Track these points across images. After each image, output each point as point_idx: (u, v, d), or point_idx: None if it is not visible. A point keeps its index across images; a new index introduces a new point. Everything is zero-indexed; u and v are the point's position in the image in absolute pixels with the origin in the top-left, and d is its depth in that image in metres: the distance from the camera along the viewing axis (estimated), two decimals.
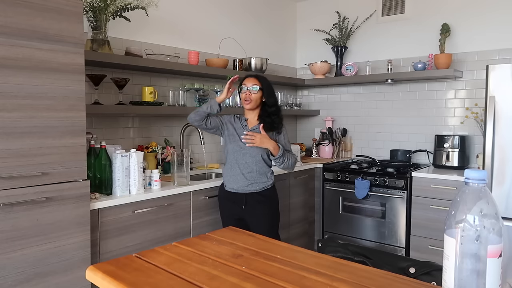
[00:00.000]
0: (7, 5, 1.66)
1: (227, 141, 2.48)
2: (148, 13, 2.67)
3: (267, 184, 2.45)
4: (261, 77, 2.47)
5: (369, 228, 3.26)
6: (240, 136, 2.43)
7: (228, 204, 2.49)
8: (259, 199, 2.42)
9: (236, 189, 2.43)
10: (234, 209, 2.46)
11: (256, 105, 2.43)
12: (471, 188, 0.78)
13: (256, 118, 2.48)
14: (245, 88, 2.40)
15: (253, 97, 2.39)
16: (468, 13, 3.35)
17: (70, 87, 1.88)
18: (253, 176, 2.41)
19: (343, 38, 3.92)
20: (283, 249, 1.22)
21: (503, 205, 2.53)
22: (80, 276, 1.92)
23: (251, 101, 2.40)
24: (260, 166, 2.42)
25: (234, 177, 2.43)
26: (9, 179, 1.69)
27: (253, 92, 2.39)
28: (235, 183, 2.43)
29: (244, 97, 2.41)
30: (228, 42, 3.52)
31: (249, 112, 2.49)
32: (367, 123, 3.96)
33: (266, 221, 2.42)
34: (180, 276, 1.00)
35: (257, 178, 2.42)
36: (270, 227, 2.43)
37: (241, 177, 2.41)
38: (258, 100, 2.42)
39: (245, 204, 2.42)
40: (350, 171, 3.37)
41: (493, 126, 2.56)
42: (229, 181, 2.46)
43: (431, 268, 1.15)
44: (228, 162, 2.48)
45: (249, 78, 2.44)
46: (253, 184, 2.41)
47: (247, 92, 2.39)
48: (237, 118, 2.53)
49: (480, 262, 0.76)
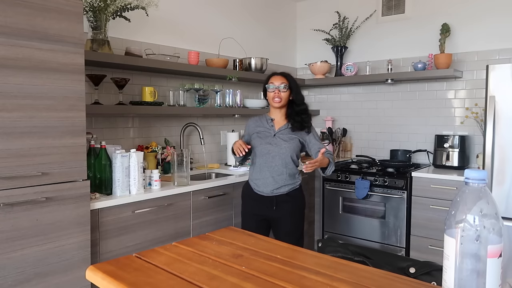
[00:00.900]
0: (7, 5, 1.66)
1: (255, 144, 2.39)
2: (148, 13, 2.67)
3: (295, 185, 2.39)
4: (288, 74, 2.40)
5: (369, 228, 3.26)
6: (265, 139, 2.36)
7: (255, 205, 2.41)
8: (287, 199, 2.36)
9: (265, 193, 2.36)
10: (261, 210, 2.39)
11: (285, 103, 2.36)
12: (471, 188, 0.78)
13: (284, 117, 2.40)
14: (273, 86, 2.33)
15: (283, 96, 2.33)
16: (468, 13, 3.35)
17: (70, 87, 1.87)
18: (283, 179, 2.34)
19: (343, 38, 3.92)
20: (283, 249, 1.22)
21: (503, 205, 2.53)
22: (80, 276, 1.92)
23: (281, 99, 2.33)
24: (290, 168, 2.35)
25: (263, 181, 2.36)
26: (9, 179, 1.69)
27: (282, 91, 2.32)
28: (265, 187, 2.35)
29: (273, 95, 2.33)
30: (228, 42, 3.52)
31: (275, 111, 2.41)
32: (367, 123, 3.96)
33: (291, 220, 2.36)
34: (180, 276, 1.01)
35: (287, 180, 2.34)
36: (296, 226, 2.38)
37: (271, 180, 2.33)
38: (286, 99, 2.35)
39: (275, 206, 2.35)
40: (350, 171, 3.37)
41: (493, 126, 2.56)
42: (258, 184, 2.38)
43: (431, 268, 1.15)
44: (257, 165, 2.39)
45: (275, 76, 2.37)
46: (283, 187, 2.34)
47: (276, 90, 2.32)
48: (262, 118, 2.46)
49: (480, 262, 0.76)
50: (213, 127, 3.50)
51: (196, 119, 3.30)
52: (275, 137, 2.37)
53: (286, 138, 2.35)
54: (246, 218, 2.47)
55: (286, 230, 2.35)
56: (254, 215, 2.42)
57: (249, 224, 2.41)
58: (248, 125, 2.51)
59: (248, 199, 2.46)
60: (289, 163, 2.34)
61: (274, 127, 2.40)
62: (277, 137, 2.36)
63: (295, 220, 2.39)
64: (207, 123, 3.44)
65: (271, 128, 2.40)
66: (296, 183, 2.40)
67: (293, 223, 2.37)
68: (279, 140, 2.35)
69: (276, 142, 2.35)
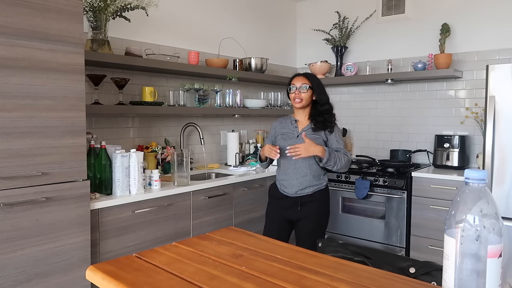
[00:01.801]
0: (7, 5, 1.66)
1: (279, 145, 2.36)
2: (148, 13, 2.67)
3: (320, 186, 2.38)
4: (310, 75, 2.41)
5: (369, 228, 3.26)
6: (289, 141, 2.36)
7: (280, 205, 2.42)
8: (311, 199, 2.35)
9: (290, 193, 2.37)
10: (285, 211, 2.39)
11: (306, 103, 2.35)
12: (471, 188, 0.78)
13: (307, 117, 2.40)
14: (294, 87, 2.34)
15: (303, 96, 2.32)
16: (468, 13, 3.35)
17: (70, 87, 1.88)
18: (307, 180, 2.33)
19: (343, 38, 3.92)
20: (283, 249, 1.22)
21: (503, 205, 2.53)
22: (80, 276, 1.92)
23: (302, 100, 2.32)
24: (314, 169, 2.34)
25: (289, 182, 2.37)
26: (9, 179, 1.69)
27: (302, 91, 2.32)
28: (290, 188, 2.36)
29: (294, 96, 2.34)
30: (228, 42, 3.52)
31: (299, 112, 2.42)
32: (367, 123, 3.96)
33: (314, 220, 2.35)
34: (180, 276, 1.00)
35: (311, 181, 2.34)
36: (317, 226, 2.37)
37: (296, 182, 2.34)
38: (308, 99, 2.35)
39: (300, 206, 2.35)
40: (350, 171, 3.36)
41: (493, 126, 2.56)
42: (283, 185, 2.40)
43: (431, 268, 1.15)
44: (282, 166, 2.41)
45: (297, 77, 2.38)
46: (308, 187, 2.34)
47: (297, 91, 2.33)
48: (287, 120, 2.47)
49: (480, 262, 0.76)
50: (213, 127, 3.51)
51: (196, 119, 3.30)
52: (298, 138, 2.36)
53: (310, 138, 2.30)
54: (270, 218, 2.47)
55: (308, 229, 2.35)
56: (278, 216, 2.42)
57: (273, 224, 2.42)
58: (274, 126, 2.51)
59: (273, 199, 2.47)
60: (313, 164, 2.34)
61: (298, 128, 2.40)
62: (301, 138, 2.33)
63: (317, 220, 2.38)
64: (207, 123, 3.44)
65: (294, 129, 2.40)
66: (321, 184, 2.39)
67: (315, 223, 2.36)
68: (303, 141, 2.30)
69: (299, 143, 2.31)
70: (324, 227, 2.44)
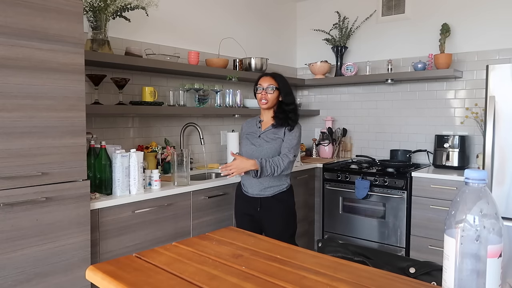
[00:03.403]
0: (7, 5, 1.66)
1: (241, 144, 2.44)
2: (148, 13, 2.67)
3: (282, 187, 2.37)
4: (277, 75, 2.40)
5: (369, 228, 3.26)
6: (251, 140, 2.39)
7: (243, 204, 2.44)
8: (274, 202, 2.35)
9: (251, 193, 2.38)
10: (248, 210, 2.41)
11: (272, 104, 2.37)
12: (471, 188, 0.78)
13: (271, 117, 2.41)
14: (261, 88, 2.35)
15: (269, 97, 2.33)
16: (468, 13, 3.35)
17: (70, 87, 1.88)
18: (267, 180, 2.33)
19: (343, 38, 3.92)
20: (283, 249, 1.22)
21: (503, 205, 2.53)
22: (80, 276, 1.92)
23: (268, 101, 2.34)
24: None
25: (249, 181, 2.37)
26: (9, 179, 1.69)
27: (269, 92, 2.33)
28: (250, 187, 2.38)
29: (260, 97, 2.35)
30: (228, 42, 3.52)
31: (264, 113, 2.43)
32: (367, 123, 3.96)
33: (279, 224, 2.35)
34: (180, 276, 1.01)
35: (271, 181, 2.34)
36: (284, 230, 2.36)
37: (256, 181, 2.33)
38: (274, 100, 2.36)
39: (260, 207, 2.36)
40: (350, 171, 3.37)
41: (493, 126, 2.56)
42: (245, 185, 2.42)
43: (431, 268, 1.15)
44: None
45: (264, 78, 2.38)
46: (268, 188, 2.34)
47: (263, 92, 2.34)
48: (253, 120, 2.49)
49: (480, 262, 0.76)
50: (213, 127, 3.51)
51: (196, 119, 3.30)
52: (260, 138, 2.38)
53: (269, 138, 2.35)
54: (237, 217, 2.52)
55: (274, 231, 2.33)
56: (245, 215, 2.45)
57: (242, 223, 2.44)
58: (242, 126, 2.55)
59: (238, 199, 2.50)
60: None
61: (261, 128, 2.42)
62: (262, 138, 2.38)
63: (283, 222, 2.37)
64: (207, 123, 3.44)
65: (258, 129, 2.42)
66: (282, 185, 2.38)
67: (281, 225, 2.36)
68: (262, 141, 2.37)
69: (259, 143, 2.37)
70: (293, 228, 2.43)
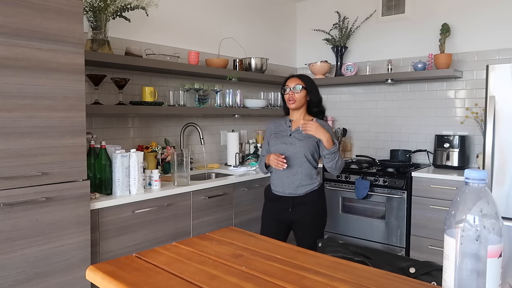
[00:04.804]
0: (7, 5, 1.66)
1: (271, 144, 2.41)
2: (148, 13, 2.67)
3: (313, 186, 2.35)
4: (304, 76, 2.43)
5: (369, 228, 3.26)
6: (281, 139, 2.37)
7: (273, 206, 2.41)
8: (304, 201, 2.33)
9: (282, 192, 2.36)
10: (278, 212, 2.38)
11: (300, 104, 2.37)
12: (471, 188, 0.78)
13: (302, 118, 2.41)
14: (288, 89, 2.37)
15: (297, 97, 2.34)
16: (468, 13, 3.35)
17: (70, 87, 1.88)
18: (298, 178, 2.32)
19: (343, 38, 3.92)
20: (283, 249, 1.22)
21: (503, 205, 2.53)
22: (80, 276, 1.92)
23: (295, 101, 2.34)
24: (305, 167, 2.32)
25: (279, 180, 2.36)
26: (9, 179, 1.69)
27: (296, 92, 2.34)
28: (281, 187, 2.36)
29: (288, 97, 2.36)
30: (228, 42, 3.52)
31: (294, 113, 2.43)
32: (367, 123, 3.96)
33: (311, 223, 2.34)
34: (180, 276, 1.00)
35: (303, 180, 2.32)
36: (316, 229, 2.35)
37: (287, 180, 2.33)
38: (302, 100, 2.36)
39: (291, 207, 2.34)
40: (350, 171, 3.37)
41: (493, 126, 2.56)
42: (275, 185, 2.39)
43: (431, 268, 1.15)
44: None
45: (291, 79, 2.40)
46: (300, 187, 2.33)
47: (291, 92, 2.35)
48: (282, 120, 2.49)
49: (480, 262, 0.76)
50: (213, 127, 3.51)
51: (196, 119, 3.30)
52: (291, 136, 2.37)
53: (301, 137, 2.33)
54: (265, 220, 2.46)
55: (305, 232, 2.33)
56: (272, 218, 2.41)
57: (268, 227, 2.41)
58: (269, 127, 2.52)
59: (267, 201, 2.47)
60: (304, 162, 2.32)
61: (291, 127, 2.41)
62: (293, 136, 2.36)
63: (314, 222, 2.35)
64: (207, 123, 3.44)
65: (288, 128, 2.41)
66: (313, 184, 2.36)
67: (311, 225, 2.34)
68: (294, 140, 2.34)
69: (291, 141, 2.35)
70: (322, 229, 2.42)
